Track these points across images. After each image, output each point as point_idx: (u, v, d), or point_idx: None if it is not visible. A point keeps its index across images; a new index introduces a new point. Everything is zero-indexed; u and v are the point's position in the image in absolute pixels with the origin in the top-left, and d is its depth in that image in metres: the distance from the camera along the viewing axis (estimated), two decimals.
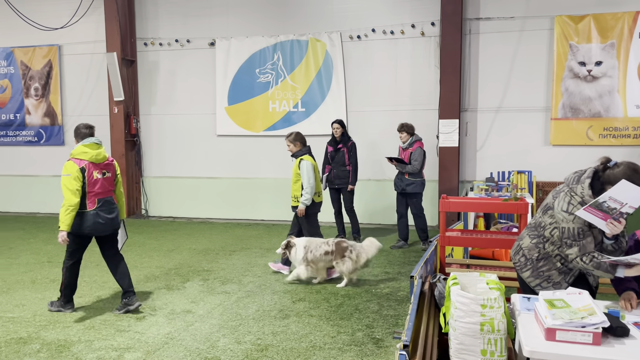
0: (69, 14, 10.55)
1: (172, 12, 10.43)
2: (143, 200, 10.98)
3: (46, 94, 11.14)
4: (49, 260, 7.25)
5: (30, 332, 4.63)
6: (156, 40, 10.53)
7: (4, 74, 11.30)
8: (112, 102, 10.42)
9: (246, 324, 4.81)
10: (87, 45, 10.81)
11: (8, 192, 11.55)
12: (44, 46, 11.00)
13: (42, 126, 11.25)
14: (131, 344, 4.39)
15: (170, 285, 6.06)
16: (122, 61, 10.25)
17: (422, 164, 7.59)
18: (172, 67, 10.58)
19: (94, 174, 4.93)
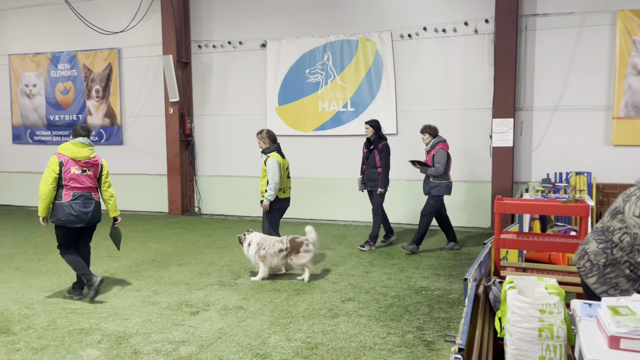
0: (128, 18, 10.97)
1: (224, 14, 10.67)
2: (196, 198, 11.28)
3: (106, 95, 11.63)
4: (108, 255, 7.57)
5: (92, 324, 4.85)
6: (210, 42, 10.80)
7: (68, 77, 11.89)
8: (168, 103, 10.76)
9: (296, 322, 4.86)
10: (145, 48, 11.21)
11: None
12: (105, 49, 11.49)
13: (103, 126, 11.75)
14: (186, 337, 4.52)
15: (222, 281, 6.20)
16: (177, 63, 10.57)
17: (446, 166, 7.30)
18: (224, 69, 10.82)
19: (72, 169, 5.35)
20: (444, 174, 7.31)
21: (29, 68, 12.17)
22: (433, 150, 7.36)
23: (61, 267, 6.83)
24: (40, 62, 12.04)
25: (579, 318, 2.84)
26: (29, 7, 12.02)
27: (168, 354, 4.19)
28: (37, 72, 12.10)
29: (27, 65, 12.18)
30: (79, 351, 4.24)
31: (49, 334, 4.60)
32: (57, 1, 11.51)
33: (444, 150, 7.30)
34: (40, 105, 12.18)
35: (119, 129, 11.64)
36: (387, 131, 9.64)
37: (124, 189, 11.70)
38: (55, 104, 12.05)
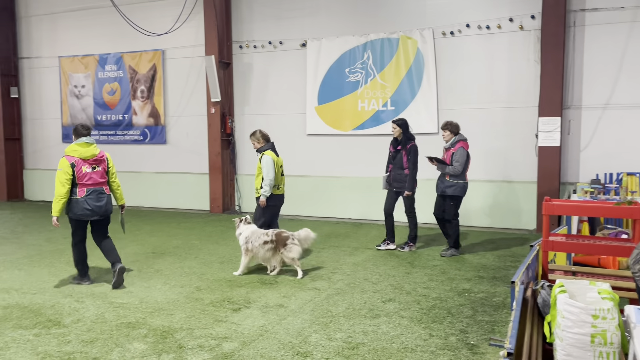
0: (172, 20, 11.22)
1: (265, 14, 10.76)
2: (237, 197, 11.43)
3: (151, 95, 11.94)
4: (153, 251, 7.76)
5: (138, 318, 4.98)
6: (250, 42, 10.92)
7: (114, 78, 12.26)
8: (210, 103, 10.95)
9: (337, 321, 4.85)
10: (188, 49, 11.44)
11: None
12: (149, 51, 11.79)
13: (147, 126, 12.07)
14: (228, 334, 4.59)
15: (263, 279, 6.25)
16: (219, 64, 10.74)
17: (465, 166, 7.03)
18: (264, 69, 10.92)
19: (83, 168, 5.76)
20: (462, 174, 7.04)
21: (78, 69, 12.61)
22: (453, 148, 7.08)
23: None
24: (88, 64, 12.47)
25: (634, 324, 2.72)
26: (78, 10, 12.46)
27: (211, 349, 4.26)
28: (86, 73, 12.53)
29: (76, 67, 12.63)
30: (126, 344, 4.36)
31: (97, 327, 4.75)
32: (104, 4, 11.88)
33: (464, 149, 7.03)
34: (88, 105, 12.61)
35: (163, 128, 11.92)
36: (428, 130, 9.54)
37: (167, 187, 12.00)
38: (102, 104, 12.45)
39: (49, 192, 13.14)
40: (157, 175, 12.11)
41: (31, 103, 13.39)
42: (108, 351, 4.23)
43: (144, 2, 11.68)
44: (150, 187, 12.15)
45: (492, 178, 9.27)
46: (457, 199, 7.15)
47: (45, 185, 13.24)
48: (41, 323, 4.83)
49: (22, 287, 5.98)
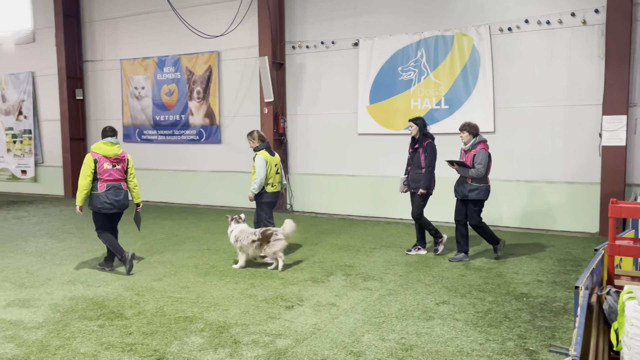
0: (227, 22, 11.47)
1: (318, 14, 10.82)
2: (288, 196, 11.55)
3: (206, 96, 12.25)
4: (208, 247, 7.96)
5: (195, 312, 5.13)
6: (303, 43, 11.00)
7: (172, 79, 12.66)
8: (263, 103, 11.11)
9: (389, 322, 4.82)
10: (242, 50, 11.67)
11: (173, 185, 12.92)
12: (205, 53, 12.11)
13: (203, 126, 12.39)
14: (282, 331, 4.64)
15: (315, 277, 6.29)
16: (272, 64, 10.88)
17: (487, 168, 6.67)
18: (317, 69, 10.98)
19: (104, 165, 6.38)
20: (484, 177, 6.69)
21: (138, 72, 13.11)
22: (474, 150, 6.71)
23: (166, 259, 7.29)
24: (148, 66, 12.93)
25: None
26: (138, 14, 12.95)
27: (265, 345, 4.33)
28: (145, 75, 13.01)
29: (136, 69, 13.13)
30: (184, 337, 4.50)
31: (157, 320, 4.92)
32: (163, 8, 12.28)
33: (486, 150, 6.69)
34: (147, 106, 13.09)
35: (218, 128, 12.21)
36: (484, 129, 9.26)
37: (221, 186, 12.28)
38: (160, 105, 12.89)
39: None
40: (212, 174, 12.42)
41: (94, 104, 14.03)
42: (167, 343, 4.38)
43: (201, 5, 11.99)
44: (205, 186, 12.47)
45: (551, 179, 8.94)
46: (481, 203, 6.81)
47: None
48: (105, 315, 5.06)
49: (86, 280, 6.28)
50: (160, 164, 13.07)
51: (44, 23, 14.22)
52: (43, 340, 4.44)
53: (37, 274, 6.52)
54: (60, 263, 7.07)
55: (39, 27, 14.41)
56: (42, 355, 4.15)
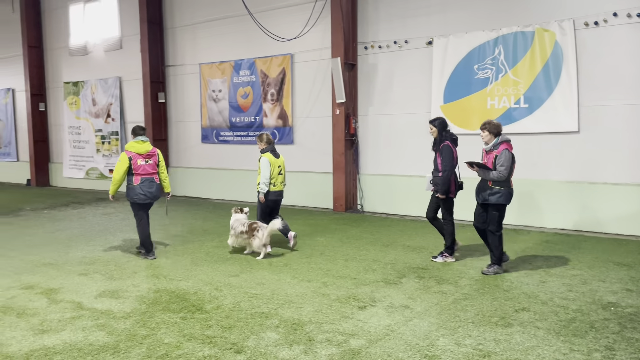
0: (301, 25, 11.66)
1: (391, 14, 10.74)
2: (359, 196, 11.56)
3: (280, 98, 12.52)
4: (282, 245, 8.13)
5: (270, 309, 5.25)
6: (376, 43, 10.97)
7: (247, 82, 13.04)
8: (335, 104, 11.19)
9: (465, 327, 4.70)
10: (315, 52, 11.81)
11: (247, 184, 13.28)
12: (279, 55, 12.37)
13: (276, 127, 12.67)
14: (355, 331, 4.66)
15: (387, 279, 6.26)
16: (345, 65, 10.93)
17: (510, 170, 6.21)
18: (389, 69, 10.90)
19: (138, 161, 7.16)
20: (507, 179, 6.24)
21: (216, 75, 13.61)
22: (496, 150, 6.25)
23: (241, 255, 7.53)
24: (225, 70, 13.40)
25: None
26: (216, 20, 13.45)
27: (339, 344, 4.36)
28: (222, 78, 13.49)
29: (214, 73, 13.64)
30: (260, 333, 4.63)
31: (234, 314, 5.10)
32: (239, 13, 12.69)
33: (509, 151, 6.21)
34: (224, 108, 13.57)
35: (290, 129, 12.43)
36: (567, 128, 8.88)
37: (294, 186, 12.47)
38: (236, 107, 13.32)
39: (191, 188, 14.38)
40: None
41: (175, 107, 14.73)
42: (245, 338, 4.52)
43: (275, 9, 12.27)
44: None
45: None
46: (502, 208, 6.35)
47: (188, 182, 14.51)
48: (186, 308, 5.30)
49: (169, 274, 6.61)
50: (235, 163, 13.50)
51: (130, 31, 15.12)
52: (131, 330, 4.72)
53: (124, 267, 6.95)
54: (145, 257, 7.48)
55: (125, 35, 15.34)
56: (130, 344, 4.41)
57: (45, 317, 5.04)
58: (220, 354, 4.19)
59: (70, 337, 4.55)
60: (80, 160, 16.94)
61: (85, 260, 7.38)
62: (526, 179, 9.35)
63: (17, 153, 19.21)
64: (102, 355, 4.18)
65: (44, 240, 8.77)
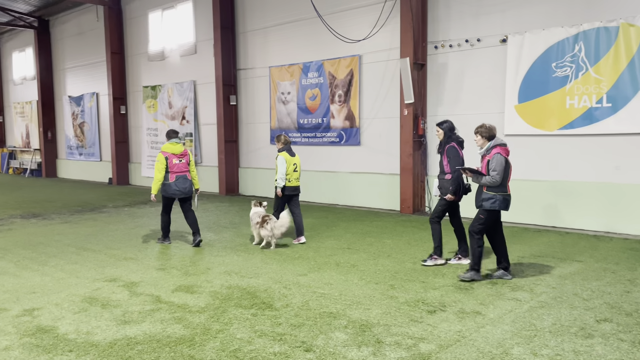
0: (369, 26, 11.64)
1: (463, 12, 10.49)
2: (427, 198, 11.36)
3: (347, 99, 12.55)
4: (349, 246, 8.15)
5: (338, 309, 5.28)
6: (446, 42, 10.74)
7: (315, 84, 13.18)
8: (403, 104, 11.07)
9: (542, 337, 4.51)
10: (383, 53, 11.75)
11: (314, 185, 13.44)
12: (347, 57, 12.40)
13: (343, 128, 12.72)
14: (424, 335, 4.59)
15: (457, 283, 6.11)
16: (414, 65, 10.79)
17: (504, 175, 6.00)
18: (460, 68, 10.65)
19: (173, 160, 8.05)
20: (501, 185, 6.04)
21: (285, 78, 13.86)
22: (488, 155, 6.13)
23: (310, 255, 7.62)
24: (294, 72, 13.62)
25: None
26: (285, 23, 13.70)
27: (408, 348, 4.31)
28: (291, 81, 13.71)
29: (283, 75, 13.90)
30: (328, 332, 4.67)
31: (303, 313, 5.17)
32: (308, 16, 12.86)
33: (502, 155, 6.04)
34: (292, 110, 13.79)
35: (357, 130, 12.43)
36: None
37: (360, 187, 12.48)
38: (304, 108, 13.49)
39: (260, 187, 14.72)
40: (351, 175, 12.69)
41: (245, 109, 15.14)
42: (314, 337, 4.57)
43: (344, 11, 12.32)
44: (344, 186, 12.78)
45: None
46: (493, 214, 6.17)
47: (257, 182, 14.87)
48: (257, 305, 5.44)
49: (240, 270, 6.81)
50: (303, 165, 13.66)
51: (204, 36, 15.72)
52: (205, 324, 4.91)
53: (198, 264, 7.23)
54: (217, 254, 7.76)
55: (200, 40, 15.96)
56: (204, 337, 4.59)
57: (127, 309, 5.34)
58: (290, 352, 4.27)
59: (150, 329, 4.79)
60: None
61: (163, 255, 7.75)
62: (608, 182, 8.83)
63: (100, 153, 20.49)
64: (179, 348, 4.38)
65: (124, 235, 9.30)
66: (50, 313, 5.24)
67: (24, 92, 24.85)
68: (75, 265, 7.21)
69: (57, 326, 4.88)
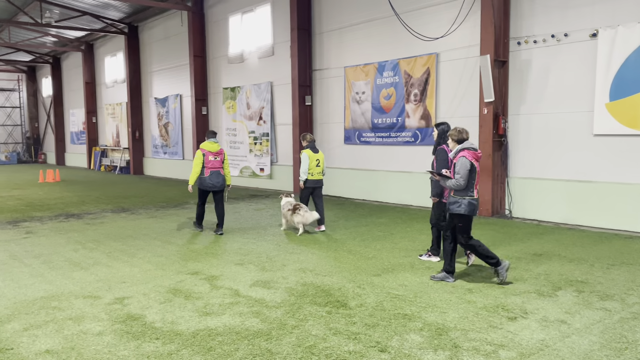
0: (447, 23, 11.39)
1: (549, 6, 9.99)
2: (507, 201, 10.94)
3: (423, 98, 12.35)
4: (424, 248, 8.02)
5: (413, 311, 5.22)
6: (530, 38, 10.28)
7: (390, 83, 13.07)
8: (482, 103, 10.72)
9: (634, 350, 4.21)
10: (462, 50, 11.44)
11: (387, 185, 13.35)
12: (424, 55, 12.20)
13: (418, 128, 12.52)
14: (504, 342, 4.43)
15: (540, 290, 5.84)
16: (495, 62, 10.42)
17: (469, 179, 5.94)
18: (545, 64, 10.15)
19: (209, 157, 9.08)
20: (466, 189, 6.01)
21: (359, 77, 13.87)
22: (455, 158, 6.16)
23: (383, 256, 7.58)
24: (368, 72, 13.59)
25: None
26: (361, 23, 13.70)
27: (487, 355, 4.18)
28: (366, 80, 13.69)
29: (357, 75, 13.91)
30: (403, 334, 4.62)
31: (377, 313, 5.15)
32: (384, 15, 12.78)
33: (467, 159, 5.97)
34: (366, 110, 13.76)
35: (432, 130, 12.17)
36: None
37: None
38: (379, 108, 13.43)
39: (334, 187, 14.81)
40: (426, 176, 12.44)
41: (320, 109, 15.31)
42: (388, 337, 4.55)
43: (421, 9, 12.13)
44: (418, 187, 12.57)
45: None
46: (463, 219, 6.09)
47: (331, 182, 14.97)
48: (331, 302, 5.49)
49: (314, 268, 6.90)
50: (377, 165, 13.63)
51: (281, 38, 16.06)
52: (281, 319, 5.02)
53: (274, 260, 7.41)
54: (293, 252, 7.91)
55: (277, 42, 16.32)
56: (281, 332, 4.70)
57: (208, 301, 5.58)
58: (365, 351, 4.27)
59: (229, 321, 4.98)
60: (235, 160, 18.42)
61: (241, 251, 8.02)
62: None
63: (182, 152, 21.51)
64: (257, 341, 4.51)
65: (204, 231, 9.70)
66: (139, 302, 5.58)
67: (114, 95, 26.60)
68: (160, 258, 7.63)
69: (144, 315, 5.18)
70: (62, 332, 4.75)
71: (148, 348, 4.39)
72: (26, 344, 4.49)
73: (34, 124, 37.35)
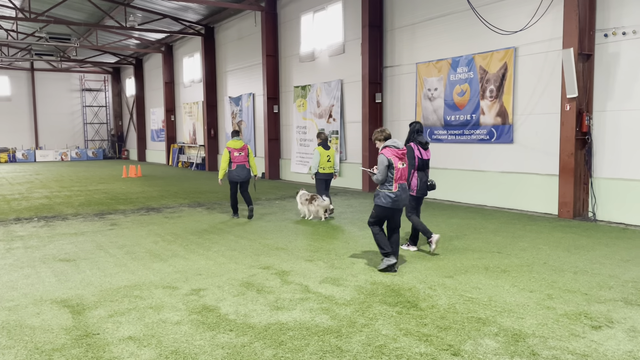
0: (527, 16, 10.89)
1: None
2: (590, 203, 10.31)
3: (499, 94, 11.88)
4: (499, 251, 7.73)
5: (488, 315, 5.03)
6: (619, 29, 9.61)
7: (464, 79, 12.69)
8: (564, 99, 10.16)
9: None
10: (542, 44, 10.89)
11: (460, 184, 12.97)
12: (501, 50, 11.73)
13: (494, 125, 12.07)
14: (588, 352, 4.17)
15: (628, 298, 5.46)
16: (578, 56, 9.83)
17: (385, 174, 6.46)
18: (635, 58, 9.45)
19: (234, 153, 10.46)
20: (386, 183, 6.53)
21: (432, 74, 13.57)
22: None
23: (456, 257, 7.35)
24: (441, 68, 13.27)
25: None
26: (434, 18, 13.39)
27: None
28: (438, 77, 13.38)
29: (430, 72, 13.62)
30: (478, 339, 4.47)
31: (450, 316, 5.02)
32: (459, 9, 12.42)
33: (385, 156, 6.50)
34: (439, 107, 13.45)
35: (510, 127, 11.71)
36: None
37: (511, 188, 11.75)
38: (452, 105, 13.08)
39: None
40: (501, 175, 12.00)
41: (391, 106, 15.14)
42: (461, 341, 4.42)
43: (498, 1, 11.67)
44: (493, 187, 12.15)
45: None
46: (381, 209, 6.63)
47: None
48: (401, 303, 5.41)
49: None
50: (449, 163, 13.29)
51: (352, 35, 16.04)
52: (351, 317, 5.01)
53: (343, 257, 7.41)
54: (362, 249, 7.88)
55: (348, 40, 16.32)
56: (351, 330, 4.69)
57: (279, 296, 5.68)
58: (437, 354, 4.18)
59: (300, 317, 5.04)
60: (304, 157, 18.63)
61: (310, 247, 8.10)
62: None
63: (255, 149, 22.05)
64: (327, 337, 4.53)
65: (275, 227, 9.90)
66: (214, 294, 5.77)
67: (191, 94, 27.72)
68: (234, 252, 7.86)
69: (219, 306, 5.36)
70: (143, 320, 5.00)
71: (222, 339, 4.53)
72: (111, 330, 4.78)
73: (118, 122, 39.77)
